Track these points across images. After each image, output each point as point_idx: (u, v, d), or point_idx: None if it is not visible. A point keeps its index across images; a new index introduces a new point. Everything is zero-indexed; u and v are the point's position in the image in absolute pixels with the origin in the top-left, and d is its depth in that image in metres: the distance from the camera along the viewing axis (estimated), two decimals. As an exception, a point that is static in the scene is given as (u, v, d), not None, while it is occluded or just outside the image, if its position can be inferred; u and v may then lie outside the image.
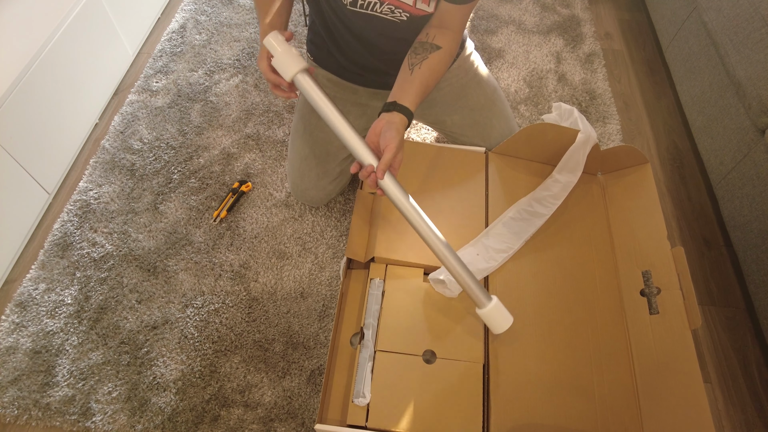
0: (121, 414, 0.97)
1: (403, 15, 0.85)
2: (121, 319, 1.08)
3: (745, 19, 1.10)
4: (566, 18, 1.72)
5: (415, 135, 1.39)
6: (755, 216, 1.03)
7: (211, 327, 1.07)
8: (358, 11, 0.86)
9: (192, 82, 1.51)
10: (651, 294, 0.88)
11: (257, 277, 1.14)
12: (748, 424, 0.98)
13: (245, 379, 1.01)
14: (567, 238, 0.98)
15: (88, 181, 1.30)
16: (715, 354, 1.06)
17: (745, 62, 1.08)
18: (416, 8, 0.83)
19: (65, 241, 1.19)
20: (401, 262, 0.94)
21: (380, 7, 0.84)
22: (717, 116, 1.19)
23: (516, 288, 0.92)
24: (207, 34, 1.64)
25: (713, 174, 1.19)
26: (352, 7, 0.85)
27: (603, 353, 0.86)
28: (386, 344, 0.85)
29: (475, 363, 0.84)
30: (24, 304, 1.10)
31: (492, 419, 0.79)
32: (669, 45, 1.46)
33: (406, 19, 0.86)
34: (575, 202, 1.03)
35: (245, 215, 1.24)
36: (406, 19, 0.86)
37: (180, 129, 1.40)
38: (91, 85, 1.39)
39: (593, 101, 1.48)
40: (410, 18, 0.86)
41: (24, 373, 1.01)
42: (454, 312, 0.89)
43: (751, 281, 1.05)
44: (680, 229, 1.24)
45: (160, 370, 1.02)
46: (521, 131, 1.03)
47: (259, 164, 1.33)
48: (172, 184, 1.29)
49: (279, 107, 1.45)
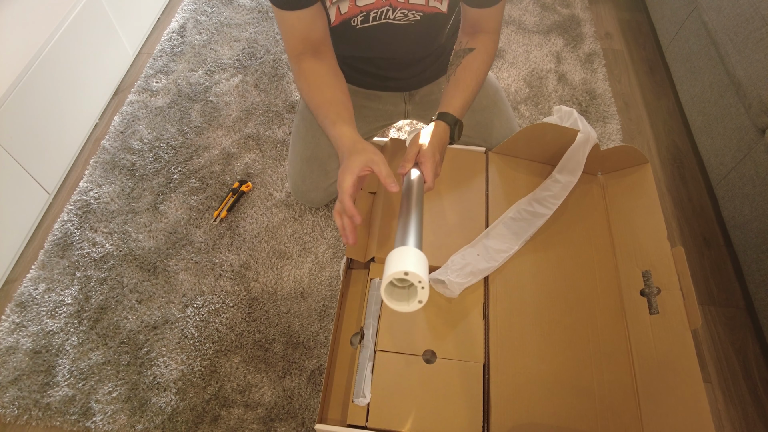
0: (121, 414, 0.97)
1: (417, 15, 0.85)
2: (122, 319, 1.08)
3: (745, 18, 1.10)
4: (566, 18, 1.72)
5: (415, 135, 1.39)
6: (755, 216, 1.03)
7: (212, 327, 1.07)
8: (370, 25, 0.85)
9: (192, 82, 1.51)
10: (651, 294, 0.88)
11: (257, 277, 1.14)
12: (748, 424, 0.99)
13: (245, 379, 1.01)
14: (567, 239, 0.98)
15: (88, 181, 1.30)
16: (715, 353, 1.06)
17: (746, 62, 1.08)
18: (429, 6, 0.83)
19: (65, 241, 1.19)
20: (401, 262, 0.93)
21: (393, 13, 0.84)
22: (717, 116, 1.19)
23: (516, 288, 0.92)
24: (207, 34, 1.64)
25: (713, 174, 1.19)
26: (363, 25, 0.84)
27: (603, 353, 0.86)
28: (386, 344, 0.85)
29: (476, 363, 0.84)
30: (24, 304, 1.10)
31: (492, 419, 0.79)
32: (669, 45, 1.46)
33: (419, 18, 0.86)
34: (575, 203, 1.03)
35: (245, 215, 1.24)
36: (420, 18, 0.86)
37: (180, 129, 1.40)
38: (91, 85, 1.39)
39: (593, 101, 1.48)
40: (423, 17, 0.86)
41: (24, 373, 1.01)
42: (455, 312, 0.89)
43: (751, 281, 1.05)
44: (680, 229, 1.24)
45: (160, 370, 1.02)
46: (521, 131, 1.03)
47: (259, 164, 1.33)
48: (173, 184, 1.29)
49: (279, 107, 1.45)
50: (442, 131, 0.81)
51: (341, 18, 0.83)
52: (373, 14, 0.83)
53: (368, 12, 0.82)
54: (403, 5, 0.82)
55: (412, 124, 1.41)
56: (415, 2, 0.82)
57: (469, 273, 0.89)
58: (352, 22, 0.84)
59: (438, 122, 0.82)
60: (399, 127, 1.40)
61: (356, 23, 0.84)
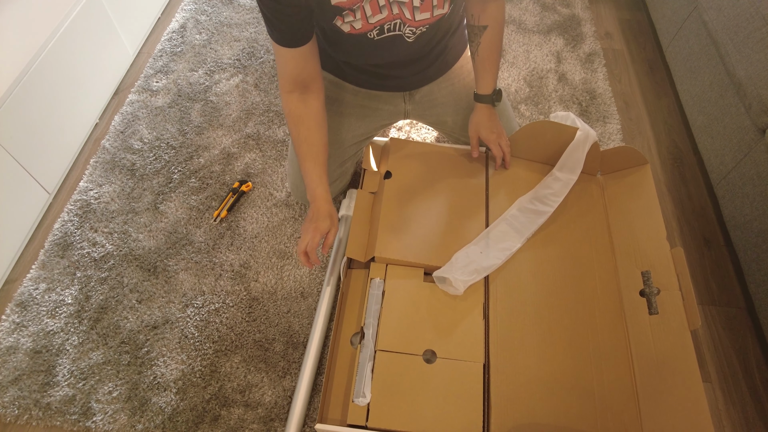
0: (121, 414, 0.97)
1: (424, 28, 0.87)
2: (122, 319, 1.08)
3: (745, 18, 1.10)
4: (566, 17, 1.72)
5: (416, 135, 1.39)
6: (755, 215, 1.03)
7: (212, 327, 1.07)
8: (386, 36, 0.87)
9: (192, 82, 1.51)
10: (651, 294, 0.88)
11: (257, 277, 1.14)
12: (748, 424, 0.99)
13: (245, 379, 1.01)
14: (567, 239, 0.98)
15: (88, 181, 1.30)
16: (716, 353, 1.06)
17: (746, 62, 1.07)
18: (434, 16, 0.84)
19: (65, 240, 1.19)
20: (401, 262, 0.94)
21: (404, 28, 0.86)
22: (717, 116, 1.19)
23: (516, 288, 0.92)
24: (207, 33, 1.64)
25: (713, 173, 1.19)
26: (380, 36, 0.86)
27: (603, 353, 0.86)
28: (386, 344, 0.85)
29: (476, 363, 0.84)
30: (24, 303, 1.10)
31: (492, 419, 0.79)
32: (669, 44, 1.46)
33: (426, 30, 0.88)
34: (575, 203, 1.03)
35: (245, 215, 1.24)
36: (427, 29, 0.88)
37: (180, 129, 1.40)
38: (91, 84, 1.39)
39: (593, 101, 1.48)
40: (431, 26, 0.87)
41: (24, 372, 1.01)
42: (455, 311, 0.89)
43: (751, 281, 1.05)
44: (680, 229, 1.24)
45: (160, 370, 1.02)
46: (521, 130, 1.03)
47: (259, 164, 1.33)
48: (173, 183, 1.29)
49: (279, 107, 1.45)
50: (487, 111, 0.99)
51: (356, 32, 0.84)
52: (387, 26, 0.85)
53: (382, 26, 0.84)
54: (411, 23, 0.84)
55: (412, 123, 1.41)
56: (421, 18, 0.84)
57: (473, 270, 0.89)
58: (369, 35, 0.86)
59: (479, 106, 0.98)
60: (399, 127, 1.40)
61: (372, 36, 0.86)
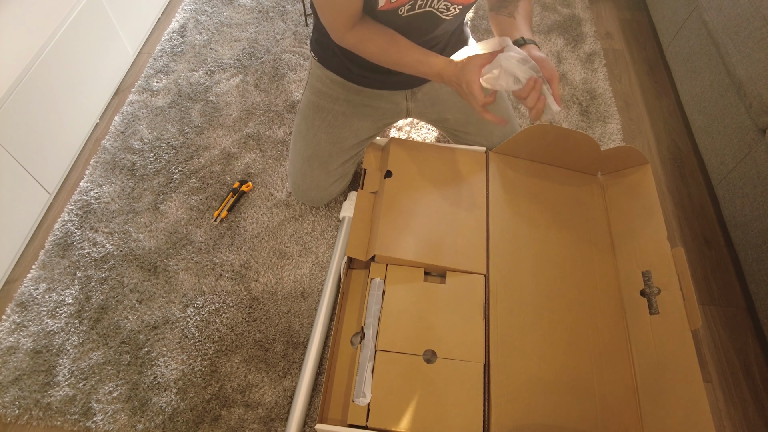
0: (121, 414, 0.97)
1: (457, 8, 0.87)
2: (122, 319, 1.08)
3: (746, 18, 1.10)
4: (567, 17, 1.72)
5: (416, 134, 1.39)
6: (756, 215, 1.03)
7: (212, 327, 1.07)
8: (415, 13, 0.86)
9: (192, 82, 1.51)
10: (651, 294, 0.88)
11: (258, 277, 1.14)
12: (748, 424, 0.99)
13: (246, 379, 1.01)
14: (567, 239, 0.98)
15: (88, 181, 1.30)
16: (716, 353, 1.06)
17: (746, 62, 1.07)
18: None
19: (66, 240, 1.19)
20: (402, 261, 0.94)
21: (437, 3, 0.85)
22: (718, 116, 1.19)
23: (516, 288, 0.92)
24: (207, 33, 1.64)
25: (714, 173, 1.19)
26: (409, 13, 0.86)
27: (603, 353, 0.86)
28: (387, 344, 0.85)
29: (476, 363, 0.84)
30: (25, 303, 1.10)
31: (492, 419, 0.79)
32: (670, 44, 1.46)
33: (458, 12, 0.88)
34: (575, 203, 1.03)
35: (246, 215, 1.24)
36: (458, 12, 0.87)
37: (180, 129, 1.40)
38: (91, 84, 1.39)
39: (594, 101, 1.48)
40: (462, 10, 0.87)
41: (25, 372, 1.02)
42: (455, 311, 0.89)
43: (751, 280, 1.05)
44: (681, 229, 1.24)
45: (160, 370, 1.02)
46: (522, 131, 1.03)
47: (259, 164, 1.33)
48: (173, 183, 1.29)
49: (279, 107, 1.45)
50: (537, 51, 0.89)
51: (390, 6, 0.84)
52: (420, 2, 0.84)
53: (416, 1, 0.84)
54: None
55: (413, 124, 1.41)
56: None
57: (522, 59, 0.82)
58: (399, 11, 0.85)
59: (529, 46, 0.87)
60: (399, 127, 1.40)
61: (402, 12, 0.85)
